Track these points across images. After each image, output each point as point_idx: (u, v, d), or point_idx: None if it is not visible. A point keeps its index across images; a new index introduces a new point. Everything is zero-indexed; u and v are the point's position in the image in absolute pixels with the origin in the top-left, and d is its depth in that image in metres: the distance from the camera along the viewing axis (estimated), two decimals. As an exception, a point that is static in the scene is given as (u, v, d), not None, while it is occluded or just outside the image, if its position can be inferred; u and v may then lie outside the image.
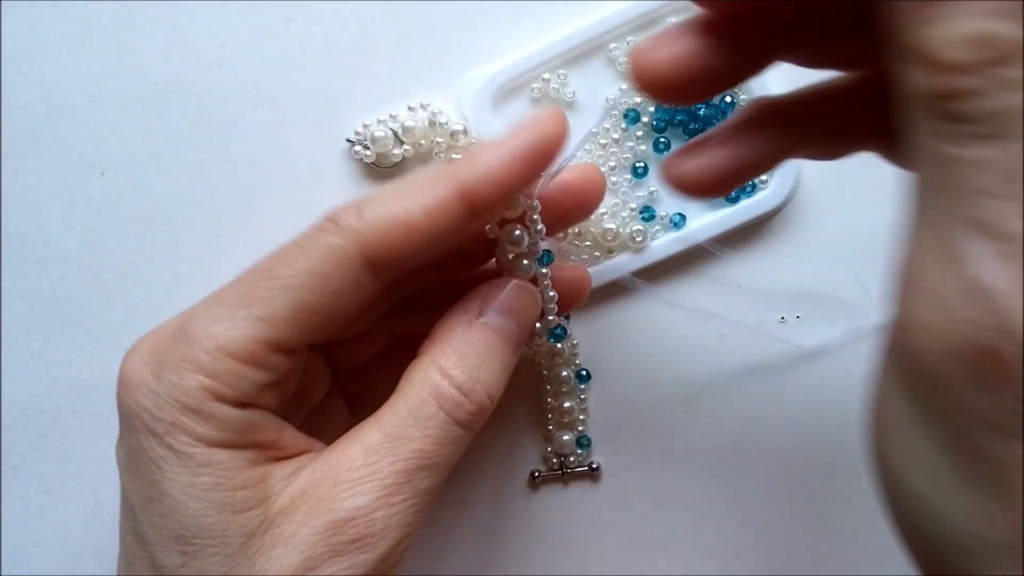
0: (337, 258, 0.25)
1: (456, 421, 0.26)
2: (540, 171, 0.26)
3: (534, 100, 0.36)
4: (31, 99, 0.36)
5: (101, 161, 0.36)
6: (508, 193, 0.26)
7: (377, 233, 0.25)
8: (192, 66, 0.36)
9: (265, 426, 0.26)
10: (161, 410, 0.25)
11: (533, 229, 0.28)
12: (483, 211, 0.26)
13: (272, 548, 0.24)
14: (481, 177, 0.25)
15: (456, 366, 0.26)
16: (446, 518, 0.37)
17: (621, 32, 0.35)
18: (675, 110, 0.35)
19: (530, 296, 0.29)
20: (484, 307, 0.27)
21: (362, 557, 0.24)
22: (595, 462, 0.37)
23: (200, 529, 0.24)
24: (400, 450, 0.25)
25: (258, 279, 0.25)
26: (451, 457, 0.26)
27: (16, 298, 0.37)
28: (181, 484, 0.24)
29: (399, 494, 0.25)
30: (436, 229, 0.25)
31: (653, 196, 0.36)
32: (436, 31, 0.36)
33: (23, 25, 0.36)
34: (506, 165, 0.25)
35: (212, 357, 0.25)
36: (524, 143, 0.25)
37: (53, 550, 0.37)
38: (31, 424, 0.37)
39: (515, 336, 0.28)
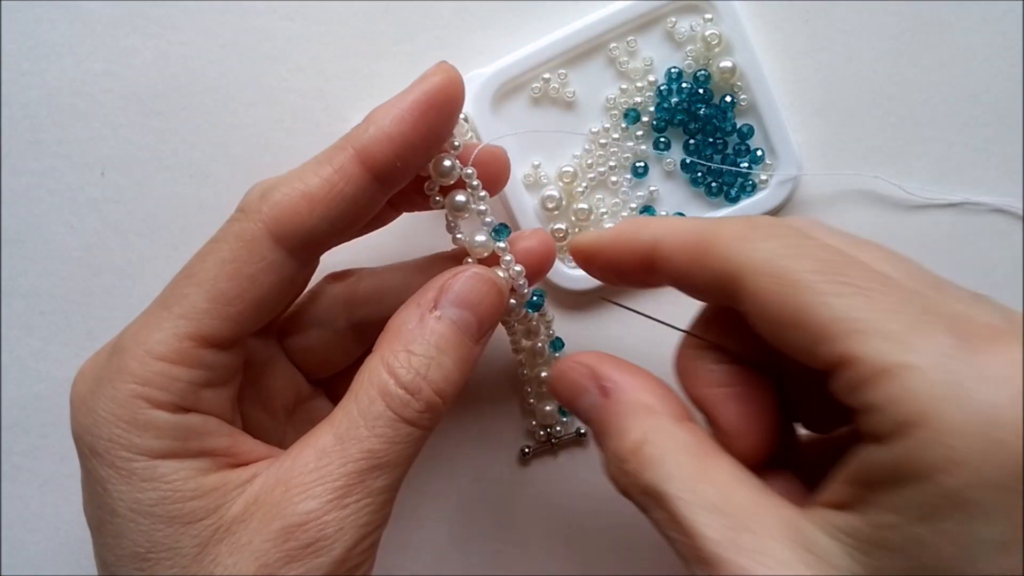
0: (245, 242, 0.25)
1: (405, 420, 0.25)
2: (436, 123, 0.26)
3: (534, 100, 0.36)
4: (31, 99, 0.36)
5: (101, 161, 0.36)
6: (407, 149, 0.26)
7: (279, 209, 0.25)
8: (192, 66, 0.36)
9: (212, 432, 0.26)
10: (99, 427, 0.25)
11: (476, 195, 0.28)
12: (386, 171, 0.26)
13: (228, 556, 0.24)
14: (373, 136, 0.25)
15: (403, 364, 0.25)
16: (440, 507, 0.37)
17: (621, 32, 0.35)
18: (675, 110, 0.35)
19: (488, 284, 0.27)
20: (439, 298, 0.26)
21: (317, 561, 0.24)
22: (581, 427, 0.36)
23: (152, 545, 0.24)
24: (350, 451, 0.25)
25: (178, 281, 0.26)
26: (405, 455, 0.25)
27: (16, 298, 0.37)
28: (127, 502, 0.24)
29: (351, 495, 0.24)
30: (339, 196, 0.25)
31: (653, 196, 0.36)
32: (436, 31, 0.36)
33: (23, 25, 0.36)
34: (395, 120, 0.25)
35: (140, 362, 0.25)
36: (411, 97, 0.26)
37: (53, 550, 0.37)
38: (31, 424, 0.37)
39: (474, 328, 0.27)
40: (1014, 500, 0.19)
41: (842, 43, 0.36)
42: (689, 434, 0.25)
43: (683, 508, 0.23)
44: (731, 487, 0.23)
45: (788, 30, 0.36)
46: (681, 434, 0.24)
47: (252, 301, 0.25)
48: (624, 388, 0.26)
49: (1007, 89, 0.36)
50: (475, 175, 0.29)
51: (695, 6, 0.35)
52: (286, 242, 0.25)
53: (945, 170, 0.36)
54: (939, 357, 0.20)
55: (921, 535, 0.19)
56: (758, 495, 0.23)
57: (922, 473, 0.19)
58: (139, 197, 0.36)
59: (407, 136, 0.25)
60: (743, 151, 0.35)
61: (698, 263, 0.24)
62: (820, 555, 0.21)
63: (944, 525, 0.19)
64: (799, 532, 0.22)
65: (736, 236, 0.24)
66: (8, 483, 0.37)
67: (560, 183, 0.36)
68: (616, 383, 0.26)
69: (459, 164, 0.28)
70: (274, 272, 0.25)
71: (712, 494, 0.23)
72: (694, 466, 0.24)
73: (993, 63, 0.36)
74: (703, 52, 0.35)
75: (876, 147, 0.36)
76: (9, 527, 0.37)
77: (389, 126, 0.25)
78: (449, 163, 0.28)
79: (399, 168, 0.26)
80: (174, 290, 0.26)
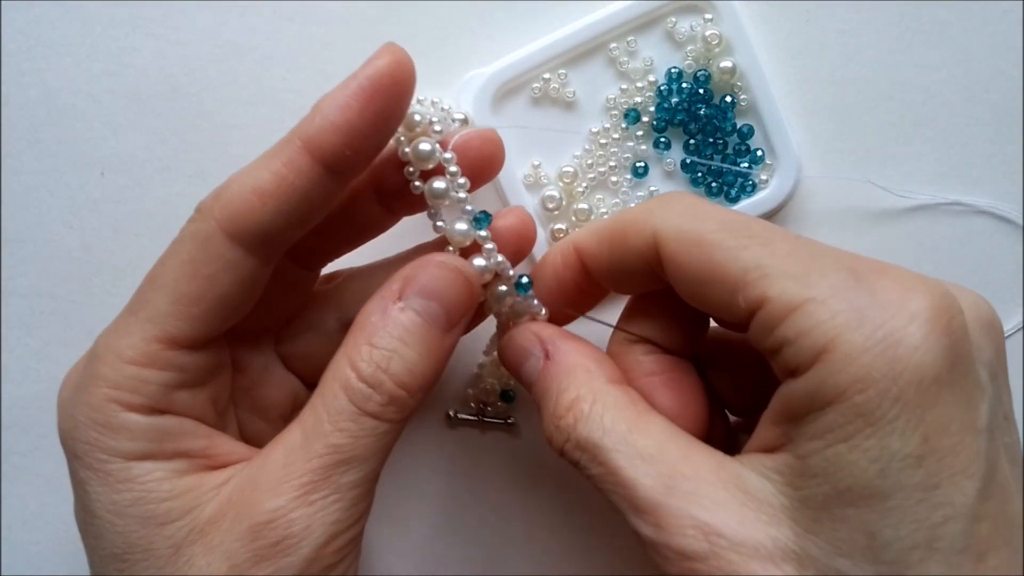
0: (201, 243, 0.25)
1: (367, 413, 0.25)
2: (384, 108, 0.25)
3: (534, 100, 0.36)
4: (31, 99, 0.36)
5: (101, 161, 0.36)
6: (355, 137, 0.25)
7: (232, 208, 0.25)
8: (192, 66, 0.36)
9: (187, 433, 0.26)
10: (78, 430, 0.25)
11: (455, 181, 0.28)
12: (336, 161, 0.25)
13: (201, 557, 0.24)
14: (319, 126, 0.25)
15: (365, 358, 0.25)
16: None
17: (621, 32, 0.35)
18: (675, 110, 0.35)
19: (454, 273, 0.27)
20: (404, 290, 0.26)
21: (286, 560, 0.24)
22: (512, 418, 0.37)
23: (129, 546, 0.25)
24: (315, 447, 0.25)
25: (143, 286, 0.26)
26: (372, 449, 0.25)
27: (16, 298, 0.37)
28: (104, 503, 0.25)
29: (317, 491, 0.24)
30: (290, 190, 0.25)
31: (653, 196, 0.36)
32: (436, 31, 0.36)
33: (23, 25, 0.36)
34: (341, 108, 0.25)
35: (111, 367, 0.25)
36: (356, 83, 0.25)
37: (53, 550, 0.37)
38: (31, 424, 0.37)
39: (442, 319, 0.26)
40: (919, 414, 0.21)
41: (842, 43, 0.36)
42: (623, 393, 0.26)
43: (618, 459, 0.24)
44: (665, 439, 0.25)
45: (788, 30, 0.36)
46: (616, 392, 0.26)
47: (214, 301, 0.25)
48: (564, 351, 0.28)
49: (1007, 89, 0.36)
50: (454, 160, 0.28)
51: (695, 6, 0.35)
52: (241, 240, 0.25)
53: (945, 170, 0.36)
54: (838, 289, 0.22)
55: (841, 454, 0.21)
56: (690, 445, 0.25)
57: (836, 395, 0.21)
58: (139, 197, 0.36)
59: (354, 124, 0.25)
60: (743, 151, 0.35)
61: (621, 245, 0.26)
62: (752, 493, 0.23)
63: (860, 442, 0.21)
64: (732, 474, 0.23)
65: (645, 211, 0.26)
66: (8, 483, 0.37)
67: (560, 183, 0.36)
68: (557, 347, 0.28)
69: (439, 148, 0.28)
70: (233, 271, 0.25)
71: (646, 445, 0.24)
72: (628, 421, 0.25)
73: (993, 63, 0.36)
74: (703, 52, 0.35)
75: (876, 147, 0.36)
76: (9, 527, 0.37)
77: (334, 115, 0.25)
78: (428, 147, 0.27)
79: (349, 157, 0.25)
80: (140, 295, 0.26)
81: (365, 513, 0.25)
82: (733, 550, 0.22)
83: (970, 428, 0.21)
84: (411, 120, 0.27)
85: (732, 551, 0.22)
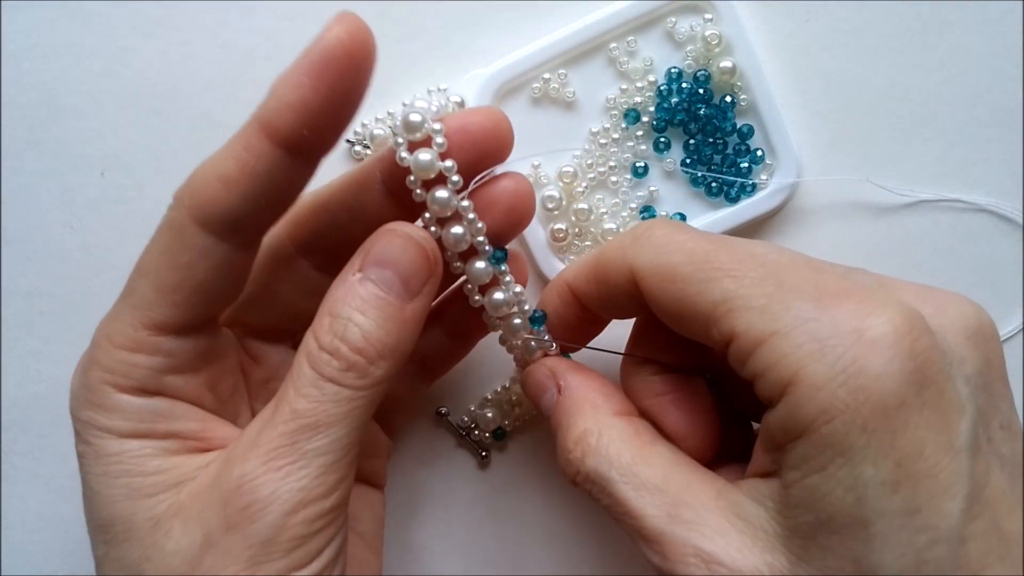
0: (175, 231, 0.25)
1: (326, 377, 0.25)
2: (339, 83, 0.24)
3: (534, 100, 0.36)
4: (31, 99, 0.36)
5: (101, 161, 0.36)
6: (310, 115, 0.24)
7: (199, 196, 0.25)
8: (192, 66, 0.36)
9: (180, 416, 0.27)
10: (79, 411, 0.26)
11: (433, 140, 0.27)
12: (294, 142, 0.24)
13: (179, 529, 0.25)
14: (273, 108, 0.24)
15: (324, 328, 0.26)
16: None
17: (621, 32, 0.35)
18: (675, 110, 0.35)
19: (405, 240, 0.26)
20: (364, 261, 0.26)
21: (254, 527, 0.24)
22: (486, 452, 0.37)
23: (114, 517, 0.25)
24: (280, 414, 0.25)
25: (131, 275, 0.27)
26: (334, 415, 0.25)
27: (16, 298, 0.37)
28: (97, 474, 0.26)
29: (283, 458, 0.24)
30: (252, 174, 0.24)
31: (653, 196, 0.36)
32: (436, 31, 0.36)
33: (23, 25, 0.36)
34: (293, 86, 0.24)
35: (105, 352, 0.26)
36: (307, 60, 0.24)
37: (53, 550, 0.37)
38: (31, 424, 0.37)
39: (398, 286, 0.26)
40: (889, 440, 0.21)
41: (842, 43, 0.36)
42: (628, 425, 0.27)
43: (625, 491, 0.25)
44: (668, 468, 0.26)
45: (788, 30, 0.36)
46: (621, 425, 0.27)
47: (193, 287, 0.26)
48: (574, 387, 0.29)
49: (1007, 89, 0.36)
50: (443, 131, 0.27)
51: (695, 6, 0.35)
52: (211, 227, 0.25)
53: (945, 170, 0.36)
54: (799, 320, 0.22)
55: (817, 485, 0.22)
56: (692, 473, 0.26)
57: (805, 427, 0.22)
58: (139, 197, 0.36)
59: (308, 102, 0.24)
60: (743, 151, 0.35)
61: (605, 283, 0.27)
62: (749, 520, 0.24)
63: (833, 472, 0.21)
64: (730, 502, 0.24)
65: (622, 248, 0.27)
66: (8, 483, 0.37)
67: (560, 183, 0.36)
68: (568, 382, 0.29)
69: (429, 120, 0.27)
70: (208, 258, 0.25)
71: (650, 476, 0.25)
72: (633, 452, 0.26)
73: (993, 63, 0.36)
74: (703, 52, 0.35)
75: (876, 147, 0.36)
76: (9, 527, 0.37)
77: (287, 94, 0.24)
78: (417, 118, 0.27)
79: (308, 137, 0.24)
80: (129, 283, 0.27)
81: (339, 487, 0.25)
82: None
83: (947, 449, 0.21)
84: (409, 122, 0.27)
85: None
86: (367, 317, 0.26)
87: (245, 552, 0.24)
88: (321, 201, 0.29)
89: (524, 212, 0.30)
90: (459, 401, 0.37)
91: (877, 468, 0.21)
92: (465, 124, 0.28)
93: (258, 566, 0.24)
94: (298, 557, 0.24)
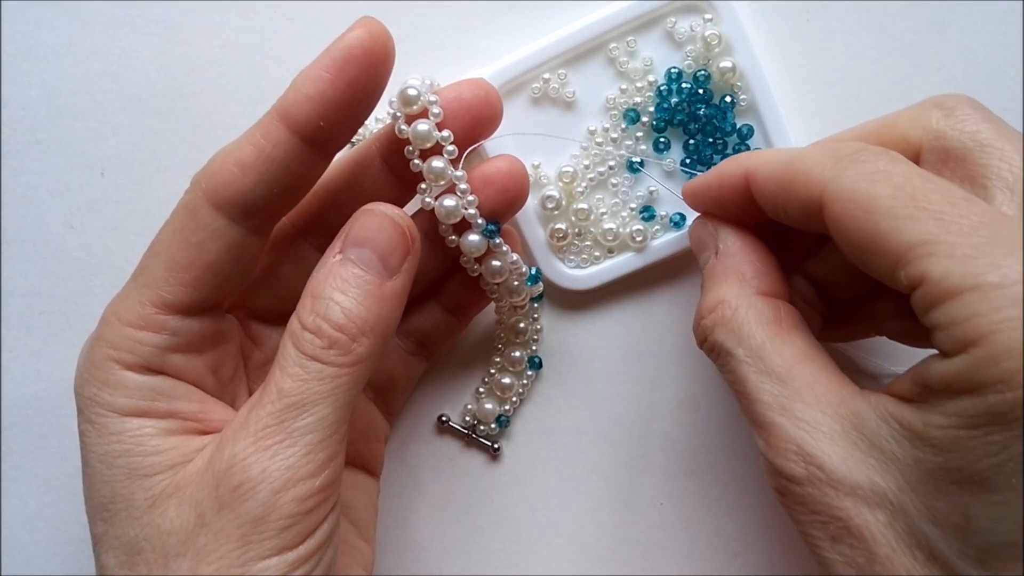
0: (189, 212, 0.27)
1: (308, 355, 0.26)
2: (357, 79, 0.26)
3: (534, 100, 0.36)
4: (31, 99, 0.36)
5: (101, 161, 0.36)
6: (327, 107, 0.26)
7: (215, 179, 0.26)
8: (192, 66, 0.36)
9: (180, 396, 0.27)
10: (82, 387, 0.27)
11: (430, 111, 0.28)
12: (311, 132, 0.26)
13: (174, 509, 0.25)
14: (292, 99, 0.26)
15: (307, 309, 0.26)
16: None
17: (621, 32, 0.35)
18: (675, 110, 0.35)
19: (381, 218, 0.27)
20: (343, 243, 0.27)
21: (244, 506, 0.24)
22: (498, 445, 0.37)
23: (113, 495, 0.26)
24: (268, 394, 0.25)
25: (145, 254, 0.28)
26: (321, 393, 0.25)
27: (16, 298, 0.37)
28: (97, 453, 0.26)
29: (271, 437, 0.25)
30: (268, 160, 0.26)
31: (653, 196, 0.36)
32: (436, 31, 0.36)
33: (23, 25, 0.36)
34: (312, 79, 0.26)
35: (111, 328, 0.27)
36: (328, 56, 0.26)
37: (53, 550, 0.37)
38: (31, 424, 0.37)
39: (376, 264, 0.27)
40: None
41: (842, 43, 0.36)
42: (769, 306, 0.27)
43: (747, 371, 0.26)
44: (797, 360, 0.25)
45: (788, 30, 0.36)
46: (761, 305, 0.27)
47: (204, 268, 0.27)
48: (730, 253, 0.29)
49: (1007, 89, 0.36)
50: (439, 102, 0.29)
51: (695, 6, 0.35)
52: (225, 209, 0.26)
53: (945, 170, 0.36)
54: (1005, 281, 0.20)
55: (964, 440, 0.21)
56: (821, 372, 0.25)
57: (976, 388, 0.21)
58: (139, 197, 0.36)
59: (326, 95, 0.26)
60: (743, 151, 0.35)
61: (786, 191, 0.26)
62: (867, 433, 0.23)
63: (984, 435, 0.21)
64: (852, 410, 0.24)
65: (820, 164, 0.25)
66: (8, 483, 0.37)
67: (560, 183, 0.36)
68: (725, 247, 0.29)
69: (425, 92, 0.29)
70: (219, 239, 0.27)
71: (776, 364, 0.25)
72: (765, 335, 0.26)
73: (993, 63, 0.36)
74: (703, 52, 0.35)
75: (876, 147, 0.36)
76: (9, 527, 0.37)
77: (307, 87, 0.26)
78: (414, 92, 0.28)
79: (324, 128, 0.26)
80: (141, 262, 0.28)
81: (328, 466, 0.25)
82: (829, 483, 0.23)
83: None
84: (406, 95, 0.28)
85: (828, 484, 0.23)
86: (347, 296, 0.26)
87: (236, 532, 0.24)
88: (322, 182, 0.30)
89: (518, 191, 0.31)
90: (454, 406, 0.37)
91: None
92: (460, 93, 0.30)
93: (249, 546, 0.24)
94: (289, 537, 0.24)
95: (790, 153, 0.27)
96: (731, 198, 0.29)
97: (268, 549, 0.24)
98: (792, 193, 0.26)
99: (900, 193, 0.23)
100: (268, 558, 0.24)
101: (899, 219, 0.22)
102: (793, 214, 0.26)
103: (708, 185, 0.30)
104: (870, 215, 0.23)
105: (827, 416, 0.24)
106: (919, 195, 0.22)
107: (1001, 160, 0.24)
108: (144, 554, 0.25)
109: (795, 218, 0.26)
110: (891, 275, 0.23)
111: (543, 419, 0.37)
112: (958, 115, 0.26)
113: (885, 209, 0.23)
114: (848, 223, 0.23)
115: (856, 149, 0.25)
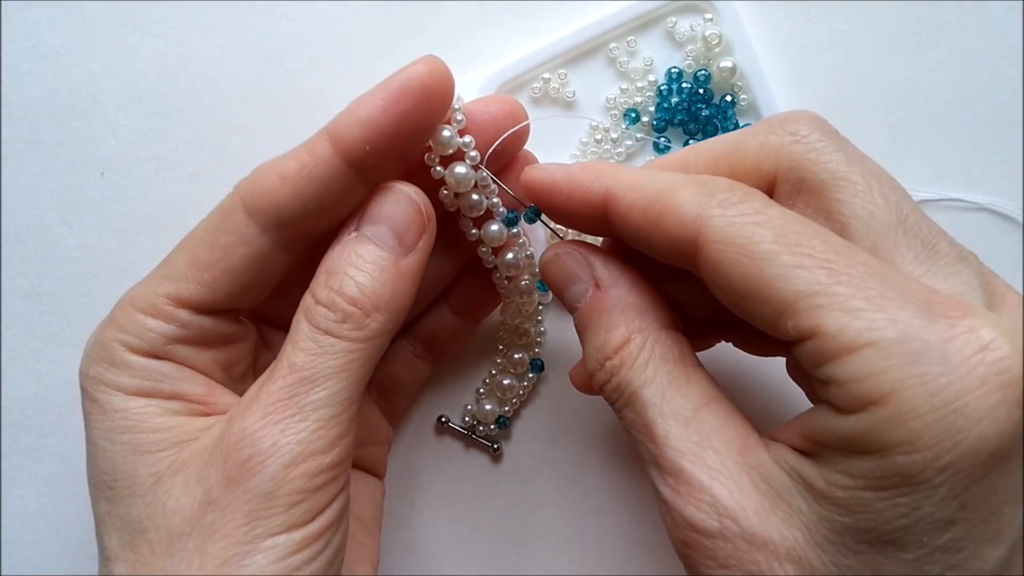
0: (224, 213, 0.27)
1: (322, 329, 0.25)
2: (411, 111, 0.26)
3: (534, 100, 0.36)
4: (31, 99, 0.36)
5: (101, 161, 0.36)
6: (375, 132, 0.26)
7: (255, 186, 0.27)
8: (192, 66, 0.36)
9: (185, 379, 0.27)
10: (88, 367, 0.27)
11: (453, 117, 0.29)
12: (356, 154, 0.26)
13: (180, 487, 0.25)
14: (344, 120, 0.26)
15: (321, 284, 0.26)
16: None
17: (621, 32, 0.35)
18: (675, 110, 0.35)
19: (396, 194, 0.27)
20: (359, 220, 0.27)
21: (254, 480, 0.24)
22: (498, 445, 0.37)
23: (116, 473, 0.26)
24: (279, 368, 0.25)
25: (174, 248, 0.28)
26: (333, 368, 0.25)
27: (16, 298, 0.37)
28: (101, 430, 0.26)
29: (281, 411, 0.25)
30: (309, 175, 0.26)
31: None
32: (436, 31, 0.36)
33: (23, 25, 0.36)
34: (365, 104, 0.26)
35: (124, 312, 0.27)
36: (386, 84, 0.26)
37: (53, 550, 0.37)
38: (31, 424, 0.37)
39: (391, 240, 0.27)
40: (964, 484, 0.20)
41: (842, 43, 0.36)
42: (674, 343, 0.25)
43: (655, 415, 0.24)
44: (703, 402, 0.24)
45: (788, 30, 0.36)
46: (667, 341, 0.25)
47: (225, 270, 0.27)
48: (618, 284, 0.26)
49: (1007, 89, 0.36)
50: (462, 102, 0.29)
51: (695, 6, 0.35)
52: (258, 217, 0.26)
53: (944, 170, 0.36)
54: (902, 336, 0.20)
55: (872, 502, 0.20)
56: (726, 415, 0.24)
57: (880, 449, 0.20)
58: (139, 197, 0.36)
59: (376, 119, 0.26)
60: (743, 151, 0.35)
61: (654, 226, 0.24)
62: (773, 486, 0.22)
63: (895, 498, 0.20)
64: (757, 462, 0.23)
65: (694, 201, 0.23)
66: (8, 483, 0.37)
67: (560, 183, 0.36)
68: (612, 279, 0.27)
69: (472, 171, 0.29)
70: (246, 245, 0.27)
71: (685, 407, 0.24)
72: (673, 375, 0.25)
73: (993, 63, 0.36)
74: (703, 52, 0.35)
75: (875, 146, 0.36)
76: (9, 527, 0.37)
77: (359, 109, 0.26)
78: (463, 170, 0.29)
79: (369, 152, 0.26)
80: (169, 255, 0.28)
81: (339, 444, 0.25)
82: (743, 537, 0.22)
83: (1013, 498, 0.20)
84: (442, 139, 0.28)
85: (742, 538, 0.22)
86: (362, 271, 0.26)
87: (244, 507, 0.24)
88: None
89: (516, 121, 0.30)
90: (455, 408, 0.37)
91: (941, 508, 0.20)
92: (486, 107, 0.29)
93: (257, 522, 0.24)
94: (298, 514, 0.24)
95: (658, 183, 0.25)
96: (580, 211, 0.27)
97: (276, 526, 0.24)
98: (661, 228, 0.24)
99: (783, 239, 0.22)
100: (276, 535, 0.24)
101: (785, 267, 0.21)
102: (660, 249, 0.25)
103: (555, 186, 0.27)
104: (753, 261, 0.22)
105: (737, 466, 0.23)
106: (803, 241, 0.22)
107: (854, 196, 0.24)
108: (147, 534, 0.25)
109: (661, 252, 0.25)
110: (773, 323, 0.22)
111: (544, 420, 0.37)
112: (810, 142, 0.25)
113: (770, 255, 0.22)
114: (729, 268, 0.22)
115: (729, 186, 0.24)
